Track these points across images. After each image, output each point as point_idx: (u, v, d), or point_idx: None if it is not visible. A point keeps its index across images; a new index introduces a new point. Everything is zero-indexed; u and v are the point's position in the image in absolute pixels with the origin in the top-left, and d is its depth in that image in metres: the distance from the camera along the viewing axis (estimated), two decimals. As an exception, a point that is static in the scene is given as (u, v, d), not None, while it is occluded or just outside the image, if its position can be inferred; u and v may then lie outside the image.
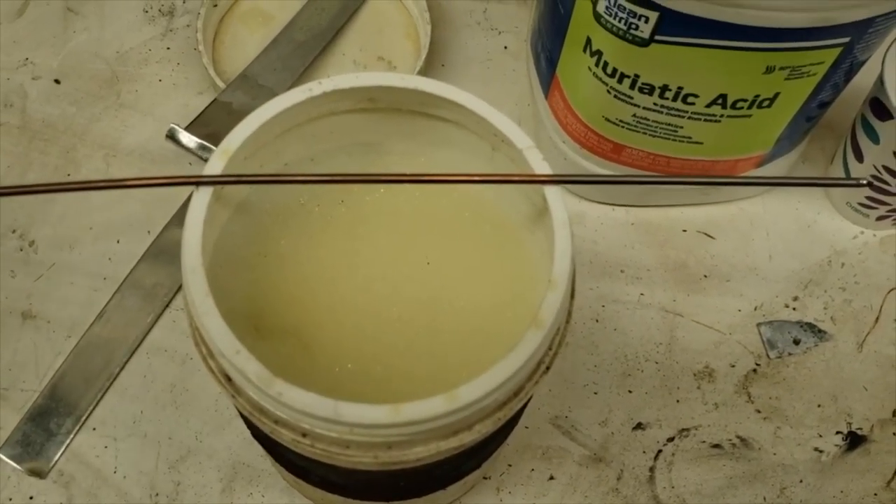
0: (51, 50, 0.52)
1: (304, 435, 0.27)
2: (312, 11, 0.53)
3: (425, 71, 0.51)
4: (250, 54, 0.51)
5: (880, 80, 0.43)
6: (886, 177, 0.45)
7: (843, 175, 0.48)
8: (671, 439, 0.44)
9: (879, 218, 0.48)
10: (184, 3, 0.54)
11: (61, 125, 0.50)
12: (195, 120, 0.46)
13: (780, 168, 0.48)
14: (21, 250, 0.46)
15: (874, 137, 0.44)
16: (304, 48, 0.51)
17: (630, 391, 0.45)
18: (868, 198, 0.47)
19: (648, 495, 0.43)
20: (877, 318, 0.47)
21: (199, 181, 0.28)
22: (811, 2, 0.34)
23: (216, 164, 0.29)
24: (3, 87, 0.51)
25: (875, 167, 0.45)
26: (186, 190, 0.48)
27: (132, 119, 0.50)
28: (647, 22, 0.36)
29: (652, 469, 0.43)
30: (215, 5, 0.52)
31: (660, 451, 0.44)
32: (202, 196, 0.28)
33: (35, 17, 0.53)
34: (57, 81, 0.51)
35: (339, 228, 0.34)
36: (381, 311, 0.33)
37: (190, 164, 0.49)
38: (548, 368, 0.29)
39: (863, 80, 0.44)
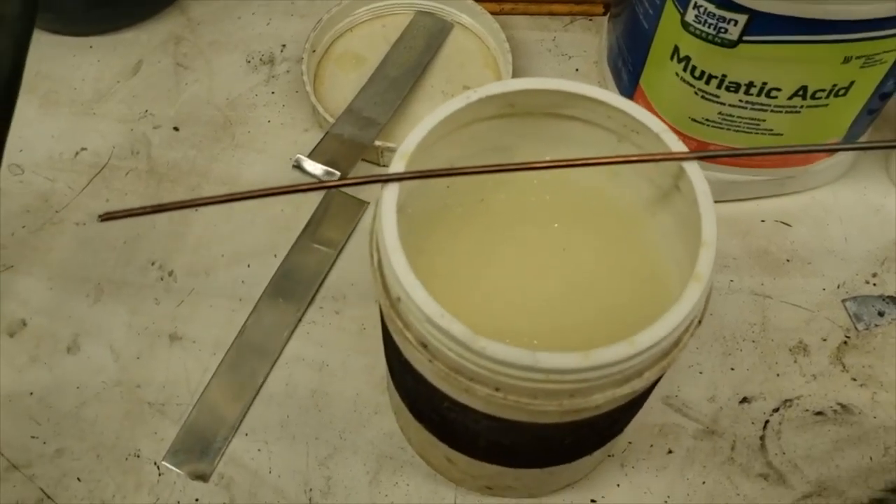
0: (167, 101, 0.57)
1: (497, 389, 0.31)
2: (401, 51, 0.58)
3: (510, 95, 0.56)
4: (347, 92, 0.56)
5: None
6: (950, 155, 0.49)
7: (905, 160, 0.52)
8: (776, 410, 0.47)
9: (944, 196, 0.52)
10: (281, 52, 0.59)
11: (185, 166, 0.55)
12: (314, 150, 0.51)
13: (847, 157, 0.52)
14: (161, 279, 0.51)
15: (936, 120, 0.49)
16: (398, 83, 0.56)
17: (732, 369, 0.49)
18: (932, 178, 0.51)
19: (762, 462, 0.46)
20: (954, 288, 0.51)
21: (387, 178, 0.32)
22: (885, -6, 0.38)
23: (398, 165, 0.33)
24: (129, 138, 0.55)
25: (938, 147, 0.49)
26: (304, 218, 0.52)
27: (248, 157, 0.55)
28: (735, 25, 0.41)
29: (762, 438, 0.47)
30: (314, 51, 0.57)
31: (767, 421, 0.47)
32: (391, 190, 0.32)
33: (149, 74, 0.58)
34: (176, 129, 0.56)
35: (480, 223, 0.38)
36: (527, 293, 0.38)
37: (304, 194, 0.53)
38: (699, 322, 0.33)
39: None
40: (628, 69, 0.50)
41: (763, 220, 0.53)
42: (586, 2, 0.61)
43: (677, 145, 0.33)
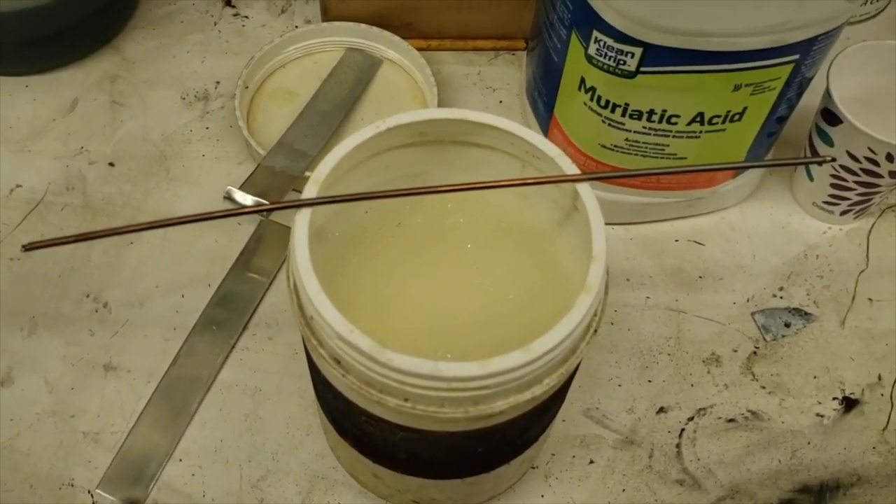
0: (102, 138, 0.59)
1: (406, 399, 0.33)
2: (332, 86, 0.60)
3: (435, 126, 0.58)
4: (280, 126, 0.58)
5: (827, 93, 0.51)
6: (843, 174, 0.53)
7: (807, 180, 0.56)
8: (691, 418, 0.50)
9: (843, 213, 0.56)
10: (216, 88, 0.61)
11: (119, 201, 0.56)
12: (245, 182, 0.53)
13: (752, 178, 0.55)
14: (96, 311, 0.52)
15: (828, 141, 0.52)
16: (329, 117, 0.58)
17: (649, 381, 0.51)
18: (830, 195, 0.55)
19: (678, 468, 0.48)
20: (853, 298, 0.54)
21: (300, 203, 0.34)
22: (764, 27, 0.41)
23: (311, 191, 0.35)
24: (64, 174, 0.57)
25: (833, 167, 0.53)
26: (237, 248, 0.54)
27: (183, 190, 0.57)
28: (632, 57, 0.44)
29: (678, 445, 0.49)
30: (246, 87, 0.59)
31: (682, 429, 0.50)
32: (304, 216, 0.34)
33: (85, 112, 0.60)
34: (111, 164, 0.57)
35: (399, 246, 0.41)
36: (444, 311, 0.40)
37: (239, 223, 0.55)
38: (595, 331, 0.35)
39: (810, 102, 0.52)
40: (544, 100, 0.53)
41: (677, 240, 0.56)
42: (509, 37, 0.64)
43: (571, 168, 0.36)
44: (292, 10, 0.66)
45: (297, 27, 0.64)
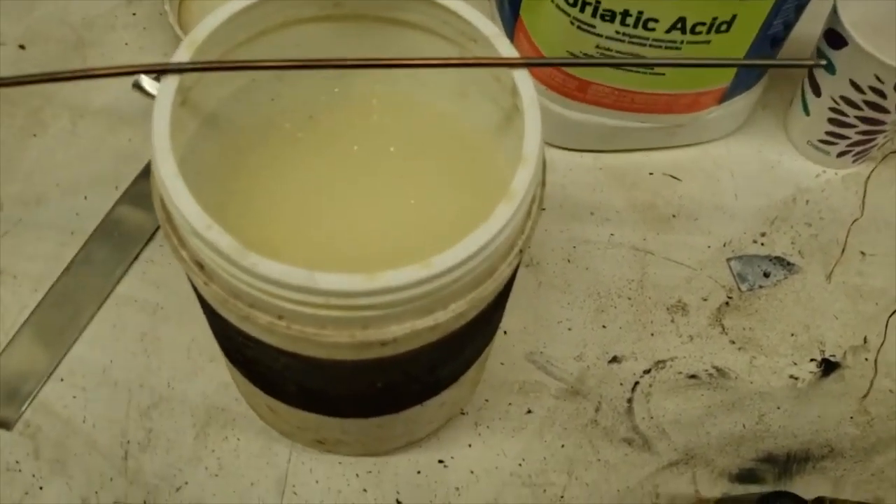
0: (15, 17, 0.52)
1: (279, 317, 0.27)
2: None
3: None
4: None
5: (834, 11, 0.44)
6: (844, 107, 0.46)
7: (803, 115, 0.49)
8: (647, 371, 0.44)
9: (840, 154, 0.49)
10: (148, -30, 0.54)
11: (27, 88, 0.49)
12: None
13: (740, 107, 0.49)
14: (-15, 208, 0.46)
15: (830, 69, 0.45)
16: None
17: (604, 326, 0.45)
18: (828, 133, 0.48)
19: (627, 426, 0.43)
20: (843, 251, 0.48)
21: (165, 69, 0.28)
22: None
23: (183, 55, 0.29)
24: (-34, 53, 0.50)
25: (833, 98, 0.46)
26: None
27: (99, 81, 0.50)
28: (605, -59, 0.37)
29: (630, 401, 0.43)
30: (179, -31, 0.52)
31: (636, 383, 0.44)
32: (169, 85, 0.28)
33: (-3, -13, 0.53)
34: (22, 47, 0.51)
35: (309, 145, 0.34)
36: (352, 225, 0.33)
37: (157, 121, 0.49)
38: (521, 252, 0.29)
39: (811, 31, 0.45)
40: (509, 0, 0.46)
41: (651, 173, 0.50)
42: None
43: (509, 51, 0.30)
44: None
45: None
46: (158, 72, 0.28)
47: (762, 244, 0.48)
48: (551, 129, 0.49)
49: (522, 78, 0.29)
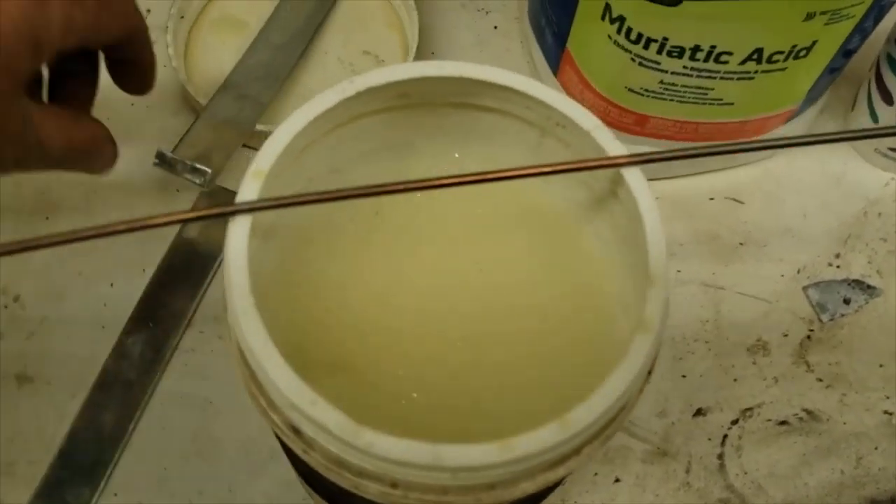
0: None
1: (394, 486, 0.23)
2: (286, 12, 0.49)
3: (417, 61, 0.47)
4: (226, 65, 0.47)
5: (908, 17, 0.41)
6: (921, 117, 0.43)
7: (868, 120, 0.46)
8: (735, 422, 0.41)
9: (912, 162, 0.46)
10: (146, 18, 0.50)
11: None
12: (181, 141, 0.42)
13: (806, 121, 0.46)
14: (6, 307, 0.42)
15: (905, 77, 0.42)
16: (284, 51, 0.47)
17: (684, 376, 0.42)
18: (900, 142, 0.45)
19: (721, 485, 0.40)
20: (924, 266, 0.45)
21: (236, 210, 0.24)
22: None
23: (251, 188, 0.25)
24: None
25: (907, 108, 0.43)
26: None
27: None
28: (678, -22, 0.33)
29: (721, 456, 0.41)
30: (182, 17, 0.48)
31: (725, 435, 0.41)
32: (241, 226, 0.24)
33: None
34: (17, 118, 0.46)
35: (377, 243, 0.31)
36: (438, 328, 0.30)
37: (178, 190, 0.45)
38: (649, 373, 0.26)
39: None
40: (553, 30, 0.42)
41: (712, 198, 0.47)
42: (503, -54, 0.52)
43: (613, 146, 0.26)
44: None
45: (242, -62, 0.52)
46: (223, 215, 0.25)
47: (838, 266, 0.45)
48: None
49: (635, 178, 0.26)
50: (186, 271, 0.43)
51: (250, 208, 0.24)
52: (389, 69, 0.27)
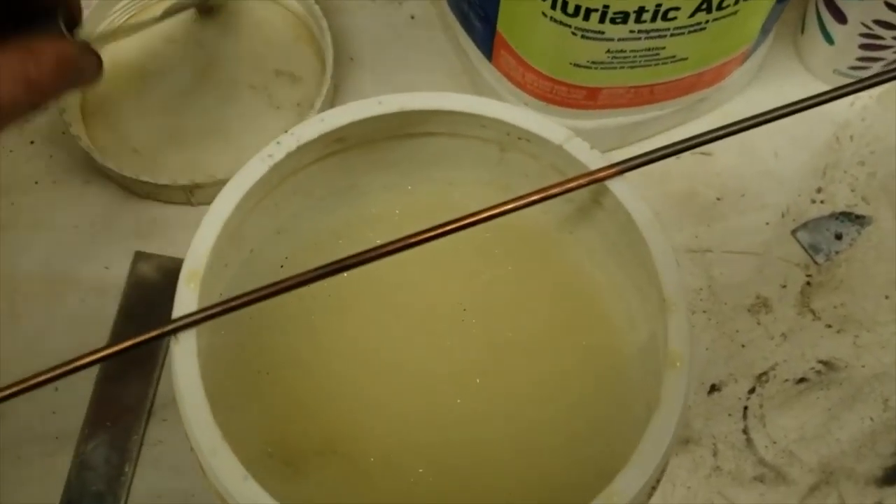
0: None
1: None
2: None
3: (336, 71, 0.43)
4: (130, 117, 0.43)
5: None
6: (879, 31, 0.40)
7: (822, 42, 0.43)
8: (752, 390, 0.39)
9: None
10: (28, 82, 0.45)
11: (-66, 274, 0.40)
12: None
13: (761, 56, 0.43)
14: (-58, 441, 0.37)
15: (858, -8, 0.39)
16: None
17: (690, 353, 0.39)
18: (859, 59, 0.42)
19: (753, 461, 0.38)
20: (908, 183, 0.43)
21: (174, 328, 0.20)
22: None
23: (188, 298, 0.21)
24: None
25: (864, 24, 0.40)
26: (114, 303, 0.40)
27: (19, 239, 0.41)
28: (611, -60, 0.30)
29: (745, 430, 0.38)
30: (68, 74, 0.42)
31: (745, 407, 0.39)
32: (186, 342, 0.21)
33: None
34: None
35: (348, 310, 0.27)
36: (429, 386, 0.27)
37: (106, 268, 0.40)
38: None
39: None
40: (478, 13, 0.39)
41: (678, 157, 0.43)
42: (401, -73, 0.48)
43: (591, 157, 0.23)
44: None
45: (116, -28, 0.47)
46: (166, 334, 0.21)
47: (822, 202, 0.43)
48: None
49: (622, 189, 0.22)
50: (135, 357, 0.39)
51: (188, 322, 0.21)
52: (318, 119, 0.23)
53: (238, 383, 0.25)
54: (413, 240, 0.22)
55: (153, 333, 0.21)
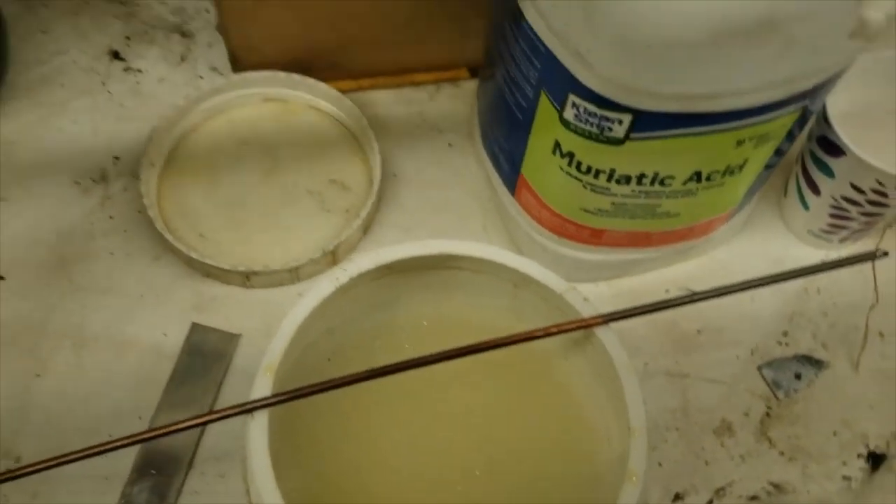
0: (-15, 246, 0.49)
1: None
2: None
3: (381, 185, 0.50)
4: (199, 206, 0.50)
5: (825, 120, 0.45)
6: (845, 205, 0.47)
7: (801, 209, 0.50)
8: (710, 502, 0.45)
9: (842, 240, 0.50)
10: (114, 165, 0.52)
11: (17, 324, 0.47)
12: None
13: (745, 214, 0.50)
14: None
15: (828, 172, 0.46)
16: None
17: (660, 464, 0.45)
18: (830, 225, 0.49)
19: (706, 565, 0.43)
20: (864, 336, 0.49)
21: (253, 407, 0.27)
22: (779, 80, 0.35)
23: (264, 384, 0.27)
24: (-56, 297, 0.47)
25: (833, 198, 0.47)
26: (168, 366, 0.46)
27: (92, 300, 0.48)
28: (621, 124, 0.37)
29: (701, 538, 0.44)
30: (153, 164, 0.50)
31: (703, 517, 0.44)
32: (260, 419, 0.27)
33: (-41, 213, 0.50)
34: (1, 278, 0.48)
35: (374, 399, 0.33)
36: (434, 474, 0.33)
37: (165, 335, 0.47)
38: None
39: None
40: (507, 157, 0.46)
41: (667, 290, 0.50)
42: (450, 67, 0.56)
43: (583, 307, 0.29)
44: (193, 56, 0.56)
45: (201, 78, 0.55)
46: (246, 412, 0.27)
47: (787, 344, 0.49)
48: (564, 270, 0.49)
49: (608, 336, 0.29)
50: (181, 415, 0.45)
51: (264, 405, 0.27)
52: (375, 253, 0.30)
53: (281, 453, 0.31)
54: (438, 357, 0.29)
55: (235, 410, 0.27)
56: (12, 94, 0.54)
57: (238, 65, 0.53)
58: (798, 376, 0.48)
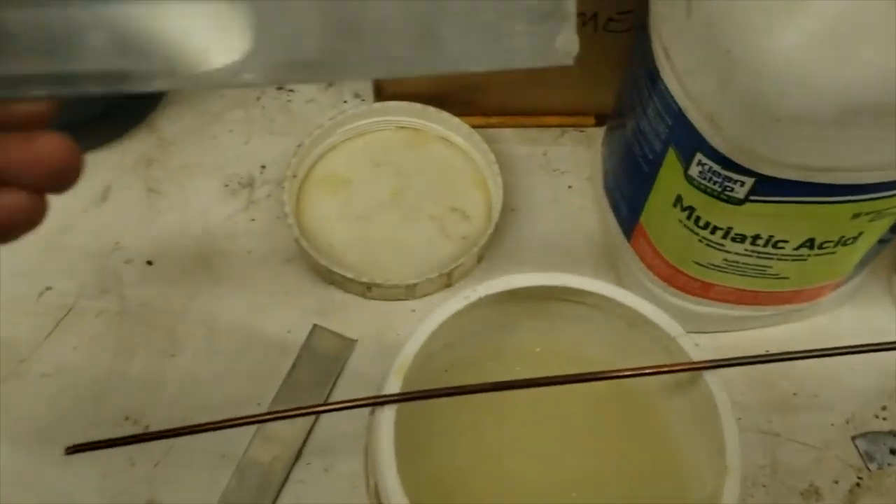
0: (139, 232, 0.54)
1: None
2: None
3: (499, 218, 0.53)
4: (332, 217, 0.54)
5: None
6: (958, 288, 0.48)
7: (911, 284, 0.51)
8: (791, 564, 0.45)
9: (951, 323, 0.51)
10: (261, 173, 0.57)
11: (159, 306, 0.52)
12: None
13: (854, 285, 0.50)
14: (137, 437, 0.47)
15: (944, 253, 0.47)
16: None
17: (744, 519, 0.46)
18: (940, 305, 0.50)
19: None
20: (965, 421, 0.49)
21: (384, 401, 0.30)
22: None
23: (394, 382, 0.30)
24: (99, 274, 0.52)
25: (947, 278, 0.48)
26: (288, 362, 0.50)
27: (226, 293, 0.52)
28: (742, 185, 0.39)
29: None
30: (294, 176, 0.54)
31: (782, 576, 0.45)
32: (387, 415, 0.30)
33: (119, 201, 0.55)
34: (149, 263, 0.53)
35: (490, 415, 0.36)
36: (536, 494, 0.35)
37: (289, 332, 0.51)
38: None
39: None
40: (627, 203, 0.48)
41: (767, 350, 0.51)
42: (577, 113, 0.59)
43: (694, 351, 0.31)
44: (340, 83, 0.61)
45: (345, 102, 0.60)
46: (375, 404, 0.30)
47: (884, 419, 0.49)
48: (672, 317, 0.51)
49: (714, 381, 0.31)
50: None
51: (393, 400, 0.30)
52: (506, 280, 0.33)
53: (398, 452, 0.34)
54: (552, 380, 0.31)
55: (368, 401, 0.30)
56: (177, 99, 0.59)
57: (381, 94, 0.57)
58: (893, 451, 0.48)
